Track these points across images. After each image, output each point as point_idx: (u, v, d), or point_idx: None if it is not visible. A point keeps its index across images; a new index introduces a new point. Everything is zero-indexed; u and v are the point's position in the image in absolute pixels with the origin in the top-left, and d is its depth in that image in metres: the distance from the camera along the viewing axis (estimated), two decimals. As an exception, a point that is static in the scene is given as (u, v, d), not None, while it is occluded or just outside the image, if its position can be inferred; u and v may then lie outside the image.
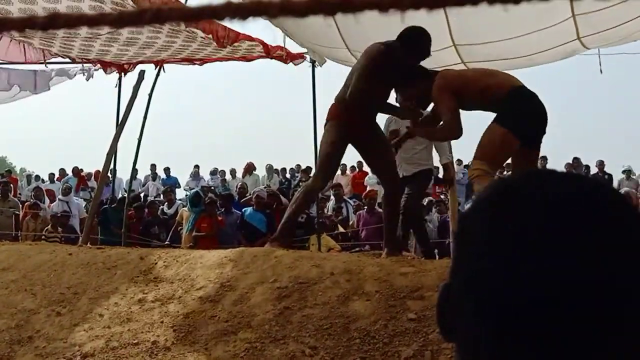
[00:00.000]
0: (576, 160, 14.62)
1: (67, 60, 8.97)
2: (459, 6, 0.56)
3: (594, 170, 14.46)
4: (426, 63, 6.57)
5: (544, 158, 14.39)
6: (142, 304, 4.14)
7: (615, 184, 13.61)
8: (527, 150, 4.65)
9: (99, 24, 0.53)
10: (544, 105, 4.56)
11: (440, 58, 6.46)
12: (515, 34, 5.84)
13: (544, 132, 4.65)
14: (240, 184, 13.16)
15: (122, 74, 8.80)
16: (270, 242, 5.00)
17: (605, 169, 14.22)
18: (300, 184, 15.46)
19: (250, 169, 16.13)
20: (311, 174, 15.13)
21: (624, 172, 13.63)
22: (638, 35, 5.80)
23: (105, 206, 10.71)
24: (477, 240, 0.65)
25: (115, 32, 6.79)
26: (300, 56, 7.94)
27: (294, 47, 7.64)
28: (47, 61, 8.65)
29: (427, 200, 10.42)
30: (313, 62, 8.03)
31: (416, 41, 4.86)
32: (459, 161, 13.09)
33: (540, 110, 4.56)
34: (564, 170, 0.70)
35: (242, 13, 0.52)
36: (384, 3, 0.53)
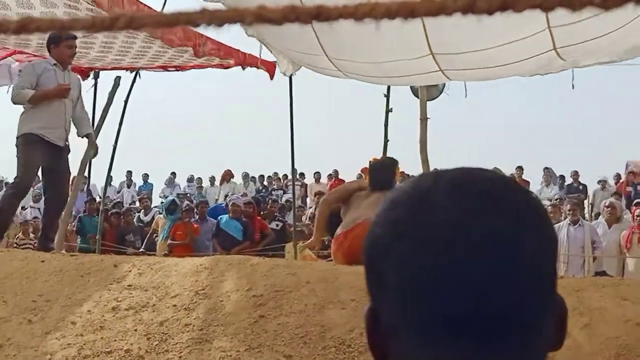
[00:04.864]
0: (547, 170, 14.79)
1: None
2: (432, 17, 0.57)
3: (568, 180, 14.63)
4: (405, 69, 6.61)
5: (520, 168, 14.55)
6: (116, 312, 4.10)
7: (590, 194, 13.78)
8: None
9: (71, 29, 0.53)
10: None
11: (419, 65, 6.50)
12: (491, 44, 5.90)
13: None
14: (225, 193, 13.11)
15: (88, 77, 8.64)
16: None
17: (579, 180, 14.40)
18: (273, 192, 15.50)
19: (228, 176, 16.10)
20: (287, 182, 15.13)
21: (599, 182, 13.80)
22: (612, 50, 5.89)
23: (80, 214, 10.62)
24: (397, 255, 0.66)
25: (90, 36, 6.75)
26: (273, 66, 7.92)
27: (269, 57, 7.64)
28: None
29: None
30: (291, 72, 8.03)
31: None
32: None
33: None
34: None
35: (218, 20, 0.52)
36: (359, 13, 0.53)
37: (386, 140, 8.63)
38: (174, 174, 17.36)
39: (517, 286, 0.64)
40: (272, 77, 7.85)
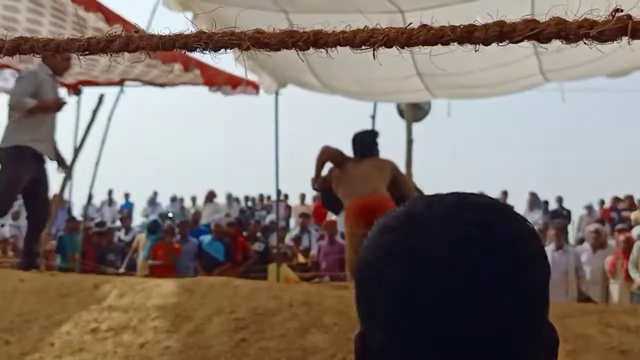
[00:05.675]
0: (533, 194, 14.86)
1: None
2: (430, 45, 0.57)
3: (553, 205, 14.72)
4: (390, 86, 6.67)
5: (505, 193, 14.61)
6: (95, 333, 4.04)
7: (575, 219, 13.88)
8: None
9: (67, 50, 0.52)
10: None
11: (406, 85, 6.57)
12: (478, 66, 5.97)
13: None
14: (194, 210, 13.02)
15: (75, 94, 8.56)
16: None
17: (564, 205, 14.49)
18: (256, 212, 15.42)
19: (211, 196, 16.03)
20: (270, 202, 15.07)
21: (585, 207, 13.92)
22: (597, 72, 5.99)
23: (60, 233, 10.50)
24: (389, 279, 0.66)
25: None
26: (255, 85, 7.95)
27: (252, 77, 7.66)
28: None
29: None
30: (276, 90, 8.04)
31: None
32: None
33: None
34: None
35: (215, 44, 0.52)
36: (357, 39, 0.53)
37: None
38: (156, 193, 17.26)
39: (507, 315, 0.63)
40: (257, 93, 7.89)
